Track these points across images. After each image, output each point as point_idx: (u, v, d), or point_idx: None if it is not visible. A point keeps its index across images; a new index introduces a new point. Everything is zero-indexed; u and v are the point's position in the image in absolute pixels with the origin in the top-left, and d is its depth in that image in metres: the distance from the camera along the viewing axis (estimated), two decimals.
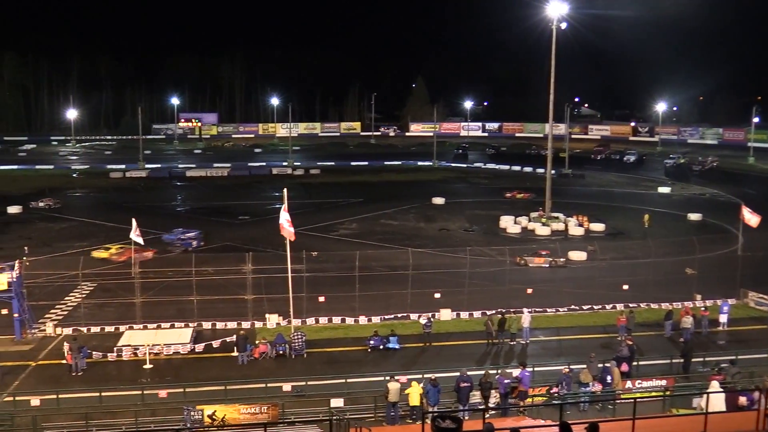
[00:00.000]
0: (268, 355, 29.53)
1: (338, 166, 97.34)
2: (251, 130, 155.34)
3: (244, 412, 22.74)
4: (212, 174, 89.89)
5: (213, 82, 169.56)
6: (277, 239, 35.42)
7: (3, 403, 25.15)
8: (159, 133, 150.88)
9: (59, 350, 29.51)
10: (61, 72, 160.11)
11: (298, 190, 68.93)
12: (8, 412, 24.18)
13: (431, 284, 36.41)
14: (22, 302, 31.68)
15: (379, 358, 29.54)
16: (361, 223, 57.76)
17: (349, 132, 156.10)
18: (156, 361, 29.14)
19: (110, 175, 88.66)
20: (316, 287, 34.56)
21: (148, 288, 34.32)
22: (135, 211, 47.90)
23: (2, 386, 26.70)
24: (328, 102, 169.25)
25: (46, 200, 65.08)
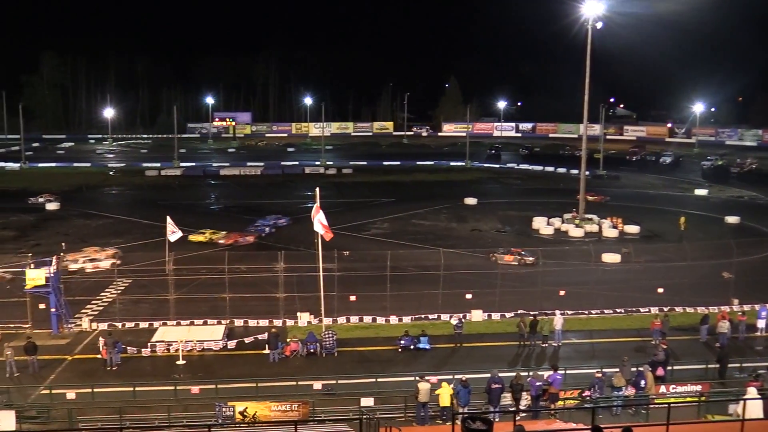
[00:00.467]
0: (299, 353, 29.66)
1: (370, 166, 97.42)
2: (284, 129, 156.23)
3: (275, 409, 22.86)
4: (245, 173, 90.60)
5: (247, 81, 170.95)
6: (308, 238, 35.59)
7: (40, 396, 25.62)
8: (194, 132, 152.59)
9: (95, 345, 29.98)
10: (99, 71, 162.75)
11: (331, 190, 69.18)
12: (45, 405, 24.63)
13: (462, 285, 36.26)
14: (59, 297, 32.23)
15: (409, 358, 29.50)
16: (392, 222, 57.75)
17: (382, 132, 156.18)
18: (189, 357, 29.45)
19: (146, 173, 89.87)
20: (347, 286, 34.61)
21: (182, 285, 34.69)
22: (170, 209, 48.39)
23: (39, 379, 27.23)
24: (361, 102, 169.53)
25: (46, 196, 66.28)
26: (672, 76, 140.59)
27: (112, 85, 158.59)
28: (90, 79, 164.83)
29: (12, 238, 51.55)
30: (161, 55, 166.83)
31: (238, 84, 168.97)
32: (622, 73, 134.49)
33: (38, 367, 28.07)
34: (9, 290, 34.03)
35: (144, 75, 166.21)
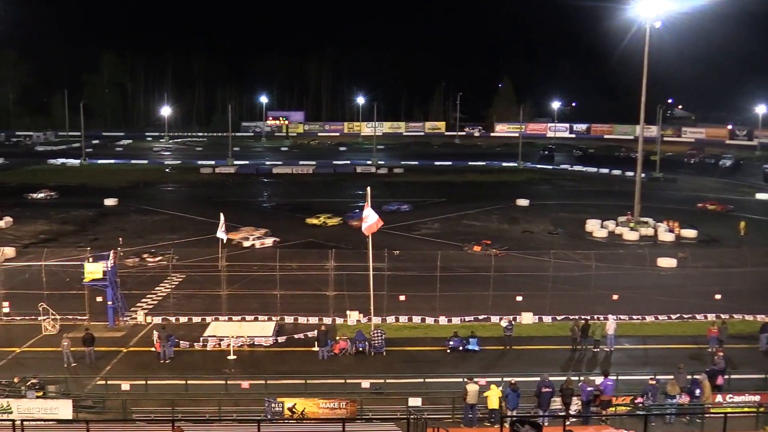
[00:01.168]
0: (348, 352, 29.77)
1: (422, 166, 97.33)
2: (337, 128, 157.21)
3: (323, 406, 22.98)
4: (298, 171, 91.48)
5: (301, 81, 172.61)
6: (358, 237, 35.68)
7: (96, 386, 26.28)
8: (248, 130, 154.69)
9: (149, 338, 30.61)
10: (157, 70, 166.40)
11: (381, 189, 69.29)
12: (100, 395, 25.25)
13: (513, 287, 35.90)
14: (116, 291, 33.02)
15: (458, 359, 29.34)
16: (443, 223, 57.55)
17: (434, 132, 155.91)
18: (239, 353, 29.83)
19: (200, 171, 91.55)
20: (396, 286, 34.59)
21: (234, 281, 35.18)
22: (223, 206, 49.18)
23: (95, 370, 27.94)
24: (414, 101, 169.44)
25: (45, 191, 68.15)
26: (734, 77, 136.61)
27: (169, 84, 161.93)
28: (148, 78, 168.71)
29: (72, 233, 53.08)
30: (217, 55, 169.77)
31: (292, 83, 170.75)
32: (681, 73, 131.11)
33: (95, 358, 28.81)
34: (68, 283, 34.98)
35: (200, 74, 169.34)
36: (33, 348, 30.24)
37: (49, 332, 31.71)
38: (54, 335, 31.23)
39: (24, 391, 23.89)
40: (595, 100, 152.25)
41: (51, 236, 51.42)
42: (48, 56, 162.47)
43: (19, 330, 32.31)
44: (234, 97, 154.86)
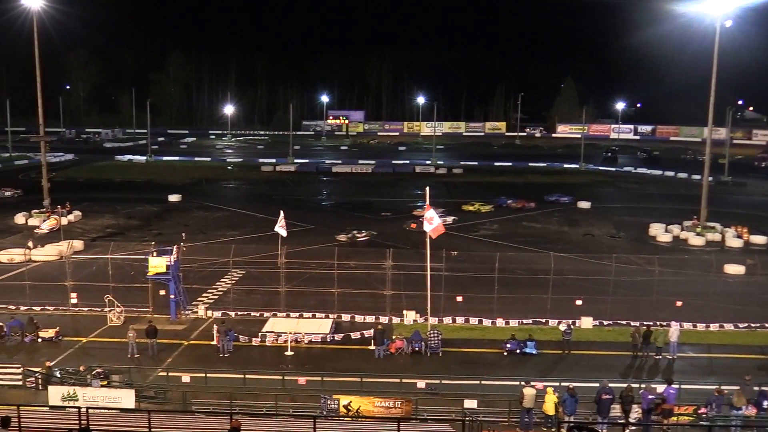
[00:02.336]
0: (404, 351, 29.76)
1: (481, 166, 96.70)
2: (396, 128, 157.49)
3: (378, 405, 23.02)
4: (357, 170, 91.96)
5: (361, 80, 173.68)
6: (416, 237, 35.68)
7: (157, 377, 26.92)
8: (308, 129, 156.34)
9: (209, 332, 31.19)
10: (221, 70, 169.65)
11: (440, 189, 69.10)
12: (162, 386, 25.86)
13: (573, 290, 35.32)
14: (178, 285, 33.75)
15: (515, 362, 29.01)
16: (502, 224, 57.03)
17: (494, 132, 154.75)
18: (297, 349, 30.12)
19: (261, 169, 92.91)
20: (454, 286, 34.40)
21: (293, 278, 35.54)
22: (283, 204, 49.76)
23: (157, 361, 28.62)
24: (474, 101, 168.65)
25: (11, 190, 68.08)
26: None
27: (232, 83, 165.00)
28: (212, 77, 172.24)
29: (137, 227, 54.55)
30: (279, 54, 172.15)
31: (353, 82, 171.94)
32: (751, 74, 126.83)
33: (157, 350, 29.52)
34: (133, 276, 35.93)
35: (263, 73, 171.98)
36: (98, 338, 31.17)
37: (114, 323, 32.63)
38: (119, 327, 32.13)
39: (89, 380, 24.64)
40: (661, 101, 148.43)
41: (117, 230, 52.96)
42: (117, 56, 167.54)
43: (85, 320, 33.36)
44: (295, 96, 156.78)
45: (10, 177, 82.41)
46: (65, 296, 34.64)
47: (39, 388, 24.93)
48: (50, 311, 34.25)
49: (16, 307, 34.31)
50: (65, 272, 35.53)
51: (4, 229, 52.11)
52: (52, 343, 30.29)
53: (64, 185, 69.35)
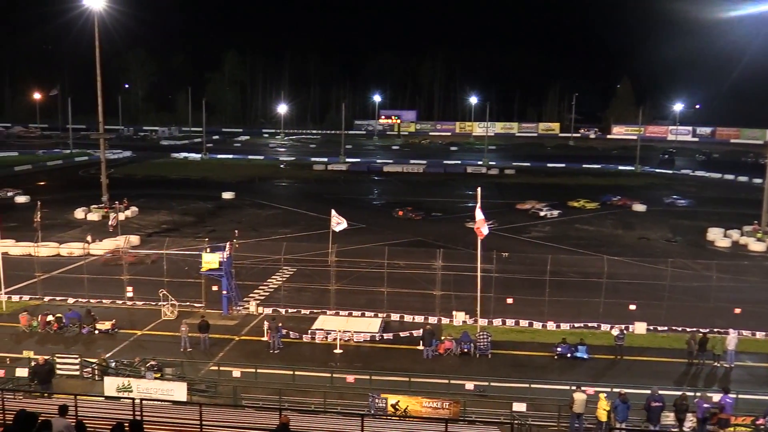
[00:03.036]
0: (452, 352, 29.62)
1: (534, 167, 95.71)
2: (448, 128, 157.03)
3: (426, 405, 22.95)
4: (408, 170, 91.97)
5: (413, 80, 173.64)
6: (467, 237, 35.47)
7: (209, 372, 27.36)
8: (360, 128, 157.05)
9: (260, 328, 31.54)
10: (275, 69, 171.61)
11: (492, 190, 68.58)
12: (213, 380, 26.28)
13: (626, 295, 34.63)
14: (231, 281, 34.23)
15: (565, 367, 28.58)
16: (554, 226, 56.31)
17: (547, 133, 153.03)
18: (346, 347, 30.26)
19: (313, 168, 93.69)
20: (504, 288, 34.10)
21: (343, 276, 35.71)
22: (334, 203, 50.04)
23: (209, 356, 29.09)
24: (527, 101, 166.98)
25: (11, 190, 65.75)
26: None
27: (286, 83, 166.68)
28: (266, 77, 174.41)
29: (191, 224, 55.57)
30: (332, 54, 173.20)
31: (405, 82, 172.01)
32: None
33: (209, 344, 29.99)
34: (187, 271, 36.59)
35: (316, 73, 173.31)
36: (152, 331, 31.83)
37: (167, 317, 33.29)
38: (172, 320, 32.76)
39: (143, 372, 25.20)
40: (722, 102, 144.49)
41: (172, 226, 54.04)
42: (174, 55, 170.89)
43: (140, 314, 34.12)
44: (348, 96, 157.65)
45: (70, 173, 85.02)
46: (121, 290, 35.51)
47: (95, 379, 25.58)
48: (107, 304, 35.14)
49: (75, 299, 35.31)
50: (122, 266, 36.42)
51: (65, 224, 53.66)
52: (108, 335, 31.06)
53: (122, 182, 71.11)
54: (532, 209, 60.90)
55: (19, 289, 36.66)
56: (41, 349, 27.99)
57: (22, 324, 31.53)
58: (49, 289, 36.57)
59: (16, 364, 26.27)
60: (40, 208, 44.00)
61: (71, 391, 21.33)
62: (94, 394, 22.26)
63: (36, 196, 55.74)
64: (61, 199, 62.05)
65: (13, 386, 23.69)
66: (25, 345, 29.39)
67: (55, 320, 31.50)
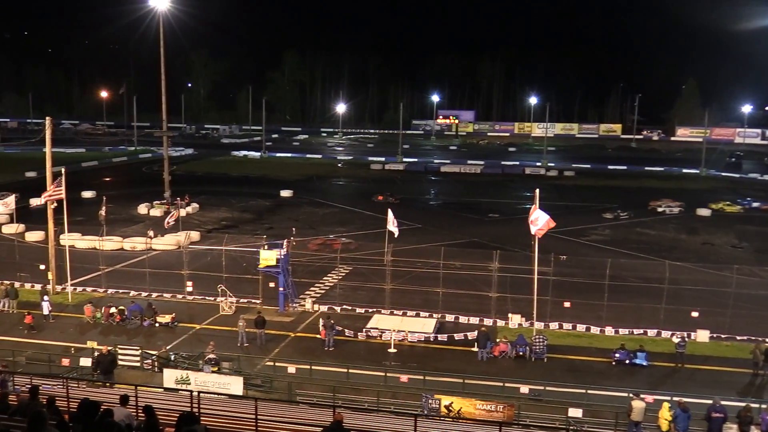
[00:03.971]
0: (507, 355, 29.32)
1: (594, 169, 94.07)
2: (507, 128, 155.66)
3: (480, 407, 22.77)
4: (465, 170, 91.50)
5: (472, 80, 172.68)
6: (524, 239, 35.04)
7: (264, 367, 27.71)
8: (418, 128, 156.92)
9: (315, 325, 31.81)
10: (334, 69, 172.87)
11: (550, 192, 67.60)
12: (268, 375, 26.61)
13: (689, 301, 33.68)
14: (287, 278, 34.60)
15: (624, 373, 27.97)
16: (614, 229, 55.19)
17: (609, 134, 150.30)
18: (400, 347, 30.24)
19: (371, 167, 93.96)
20: (561, 292, 33.58)
21: (398, 276, 35.71)
22: (390, 203, 50.09)
23: (265, 351, 29.46)
24: (588, 102, 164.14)
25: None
26: None
27: (345, 82, 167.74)
28: (325, 76, 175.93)
29: (250, 221, 56.40)
30: (391, 54, 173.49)
31: (464, 82, 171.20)
32: None
33: (265, 340, 30.38)
34: (245, 267, 37.15)
35: (374, 73, 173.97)
36: (210, 326, 32.41)
37: (225, 312, 33.85)
38: (230, 315, 33.30)
39: (201, 365, 25.68)
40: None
41: (231, 223, 54.96)
42: (235, 55, 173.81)
43: (199, 308, 34.79)
44: (406, 95, 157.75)
45: (134, 169, 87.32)
46: (182, 284, 36.28)
47: (155, 371, 26.18)
48: (167, 298, 35.95)
49: (137, 292, 36.23)
50: (182, 261, 37.21)
51: (128, 219, 55.11)
52: (168, 329, 31.77)
53: (184, 179, 72.67)
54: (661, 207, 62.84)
55: (84, 282, 37.84)
56: (104, 340, 28.83)
57: (87, 315, 32.54)
58: (113, 281, 37.67)
59: (81, 353, 27.12)
60: (106, 203, 45.33)
61: (132, 381, 21.86)
62: (153, 385, 22.76)
63: (101, 191, 57.34)
64: (125, 195, 63.80)
65: (78, 375, 24.46)
66: (89, 335, 30.35)
67: (118, 312, 32.41)
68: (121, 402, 12.80)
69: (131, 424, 11.02)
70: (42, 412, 8.40)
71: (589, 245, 49.24)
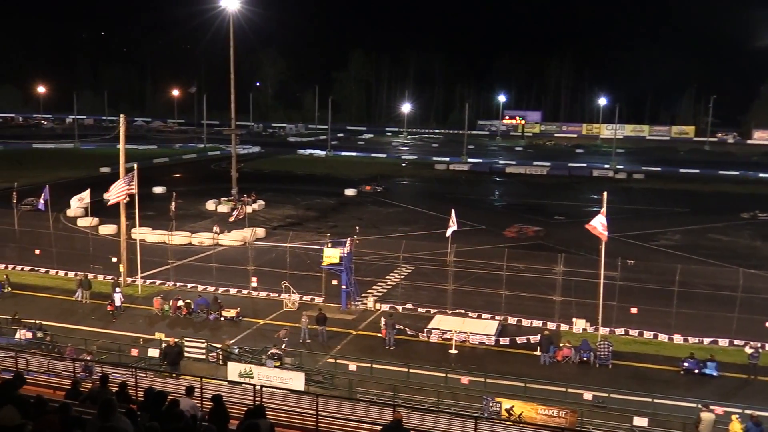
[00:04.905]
0: (571, 360, 28.81)
1: (665, 172, 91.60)
2: (574, 129, 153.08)
3: (542, 412, 22.43)
4: (531, 172, 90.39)
5: (540, 80, 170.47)
6: (590, 243, 34.37)
7: (326, 364, 27.95)
8: (483, 129, 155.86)
9: (376, 324, 31.89)
10: (400, 68, 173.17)
11: (618, 195, 66.13)
12: (330, 372, 26.84)
13: (764, 311, 32.37)
14: (350, 276, 34.81)
15: (692, 383, 27.11)
16: (685, 234, 53.59)
17: (681, 136, 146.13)
18: (461, 348, 30.07)
19: (435, 167, 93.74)
20: (628, 297, 32.77)
21: (461, 277, 35.50)
22: (454, 203, 49.86)
23: (326, 348, 29.71)
24: (660, 104, 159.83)
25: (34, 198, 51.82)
26: None
27: (410, 82, 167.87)
28: (391, 76, 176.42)
29: (314, 219, 57.00)
30: (457, 54, 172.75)
31: (531, 82, 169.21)
32: None
33: (326, 337, 30.64)
34: (308, 265, 37.53)
35: (440, 72, 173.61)
36: (273, 321, 32.85)
37: (288, 308, 34.28)
38: (293, 312, 33.70)
39: (264, 360, 26.07)
40: None
41: (296, 220, 55.65)
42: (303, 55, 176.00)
43: (263, 304, 35.34)
44: (472, 96, 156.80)
45: (203, 166, 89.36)
46: (246, 280, 36.91)
47: (219, 364, 26.71)
48: (232, 293, 36.64)
49: (204, 286, 37.03)
50: (248, 257, 37.87)
51: (197, 214, 56.42)
52: (232, 323, 32.38)
53: (251, 176, 73.92)
54: None
55: (153, 275, 38.89)
56: (171, 332, 29.59)
57: (156, 307, 33.46)
58: (181, 275, 38.59)
59: (149, 344, 27.88)
60: (175, 198, 46.46)
61: (197, 373, 22.33)
62: (218, 378, 23.21)
63: (171, 187, 58.86)
64: (194, 191, 65.31)
65: (146, 365, 25.16)
66: (157, 327, 31.21)
67: (185, 305, 33.20)
68: (187, 393, 13.10)
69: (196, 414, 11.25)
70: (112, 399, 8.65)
71: (658, 250, 47.95)
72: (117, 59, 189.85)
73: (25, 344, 27.41)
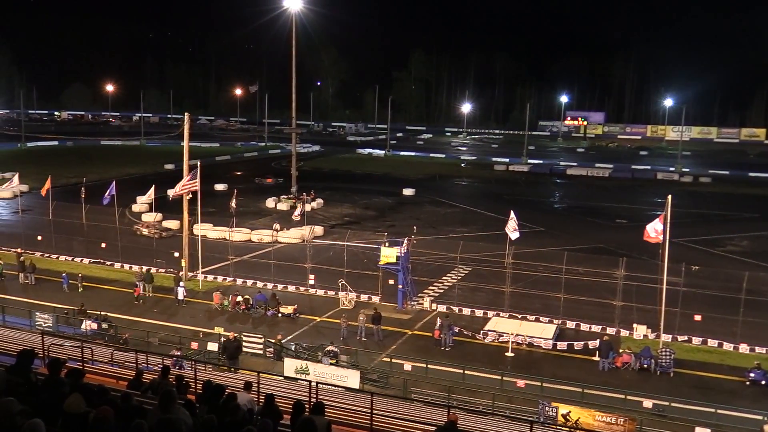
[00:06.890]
0: (630, 366, 28.18)
1: (733, 176, 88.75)
2: (638, 131, 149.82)
3: (599, 419, 22.01)
4: (593, 174, 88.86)
5: (603, 81, 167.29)
6: (653, 247, 33.49)
7: (381, 362, 28.02)
8: (544, 129, 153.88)
9: (432, 324, 31.80)
10: (460, 68, 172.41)
11: (684, 198, 64.34)
12: (385, 371, 26.90)
13: None
14: (407, 276, 34.81)
15: (758, 394, 26.17)
16: (754, 241, 51.80)
17: (751, 139, 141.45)
18: (518, 351, 29.74)
19: (494, 168, 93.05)
20: (692, 304, 31.86)
21: (519, 279, 35.12)
22: (514, 204, 49.37)
23: (382, 347, 29.79)
24: (729, 105, 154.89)
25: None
26: None
27: (470, 82, 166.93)
28: (451, 76, 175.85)
29: (372, 218, 57.22)
30: (518, 54, 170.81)
31: (594, 83, 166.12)
32: None
33: (382, 336, 30.71)
34: (365, 263, 37.69)
35: (501, 72, 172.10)
36: (330, 319, 33.11)
37: (345, 306, 34.49)
38: (349, 310, 33.89)
39: (320, 357, 26.30)
40: None
41: (354, 219, 55.96)
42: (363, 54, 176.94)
43: (320, 301, 35.66)
44: (532, 96, 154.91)
45: (264, 164, 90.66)
46: (304, 277, 37.30)
47: (276, 359, 27.06)
48: (290, 290, 37.06)
49: (263, 283, 37.57)
50: (306, 255, 38.26)
51: (257, 212, 57.28)
52: (290, 319, 32.77)
53: (310, 174, 74.74)
54: None
55: (214, 270, 39.66)
56: (230, 327, 30.10)
57: (215, 302, 34.12)
58: (240, 271, 39.25)
59: (208, 338, 28.45)
60: (236, 195, 47.29)
61: (254, 368, 22.66)
62: (274, 373, 23.52)
63: (233, 184, 59.89)
64: (254, 189, 66.28)
65: (205, 359, 25.68)
66: (217, 322, 31.84)
67: (244, 301, 33.76)
68: (245, 387, 13.31)
69: (253, 408, 11.40)
70: (172, 391, 8.83)
71: (724, 256, 46.52)
72: (182, 59, 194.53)
73: (90, 335, 28.32)
